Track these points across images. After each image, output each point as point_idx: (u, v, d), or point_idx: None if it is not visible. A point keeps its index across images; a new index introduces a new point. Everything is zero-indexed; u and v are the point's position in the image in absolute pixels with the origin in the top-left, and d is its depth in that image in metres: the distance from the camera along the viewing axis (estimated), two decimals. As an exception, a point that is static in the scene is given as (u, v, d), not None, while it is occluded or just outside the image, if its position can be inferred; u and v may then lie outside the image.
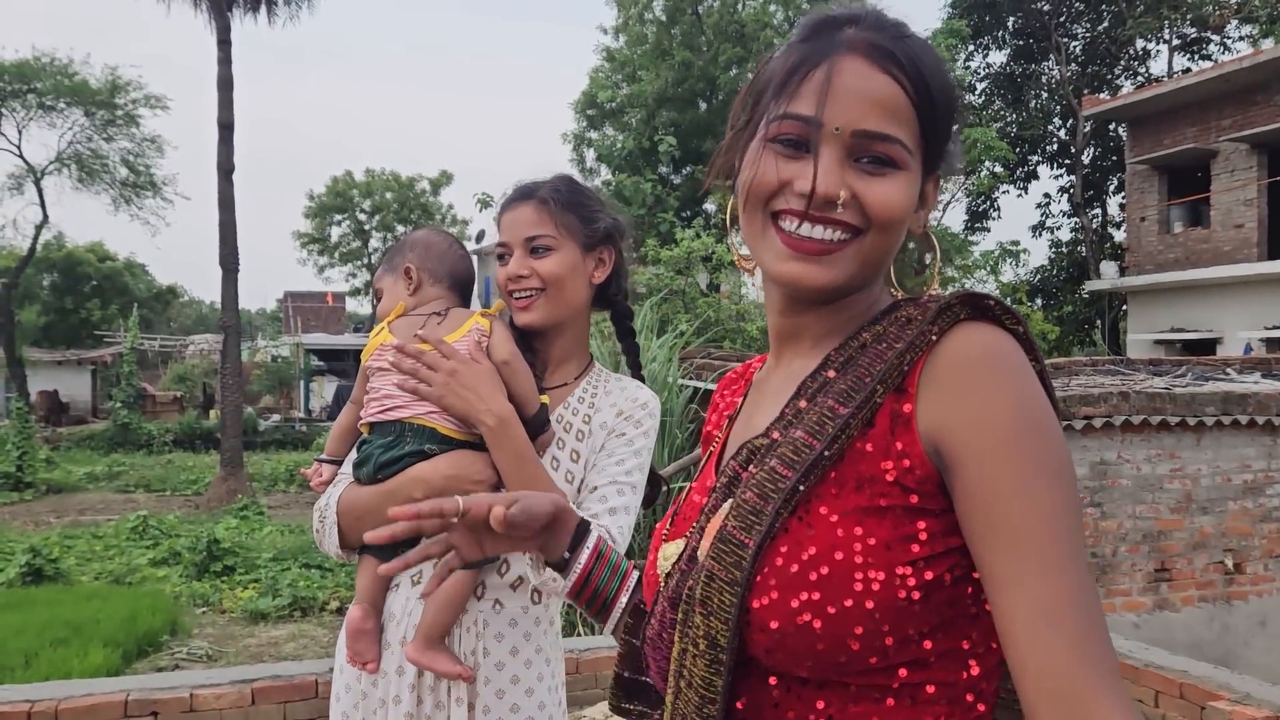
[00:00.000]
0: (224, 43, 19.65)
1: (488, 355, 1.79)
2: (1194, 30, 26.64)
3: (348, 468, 1.90)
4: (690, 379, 8.28)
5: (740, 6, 25.47)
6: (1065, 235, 29.69)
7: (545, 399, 1.78)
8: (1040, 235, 30.24)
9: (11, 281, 29.01)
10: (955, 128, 1.03)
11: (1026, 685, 0.82)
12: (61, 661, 7.01)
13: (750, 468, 0.98)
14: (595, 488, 1.82)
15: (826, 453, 0.91)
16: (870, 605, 0.86)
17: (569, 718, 4.24)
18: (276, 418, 31.99)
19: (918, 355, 0.92)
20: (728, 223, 1.10)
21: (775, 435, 0.98)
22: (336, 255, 46.29)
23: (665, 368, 7.94)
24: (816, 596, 0.87)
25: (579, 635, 6.07)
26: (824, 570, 0.88)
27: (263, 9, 21.07)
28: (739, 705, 0.95)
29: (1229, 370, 9.93)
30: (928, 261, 1.09)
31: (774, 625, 0.88)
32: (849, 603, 0.87)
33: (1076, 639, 0.82)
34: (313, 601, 9.37)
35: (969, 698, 0.93)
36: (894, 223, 0.96)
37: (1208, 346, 19.21)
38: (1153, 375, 8.91)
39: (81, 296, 38.03)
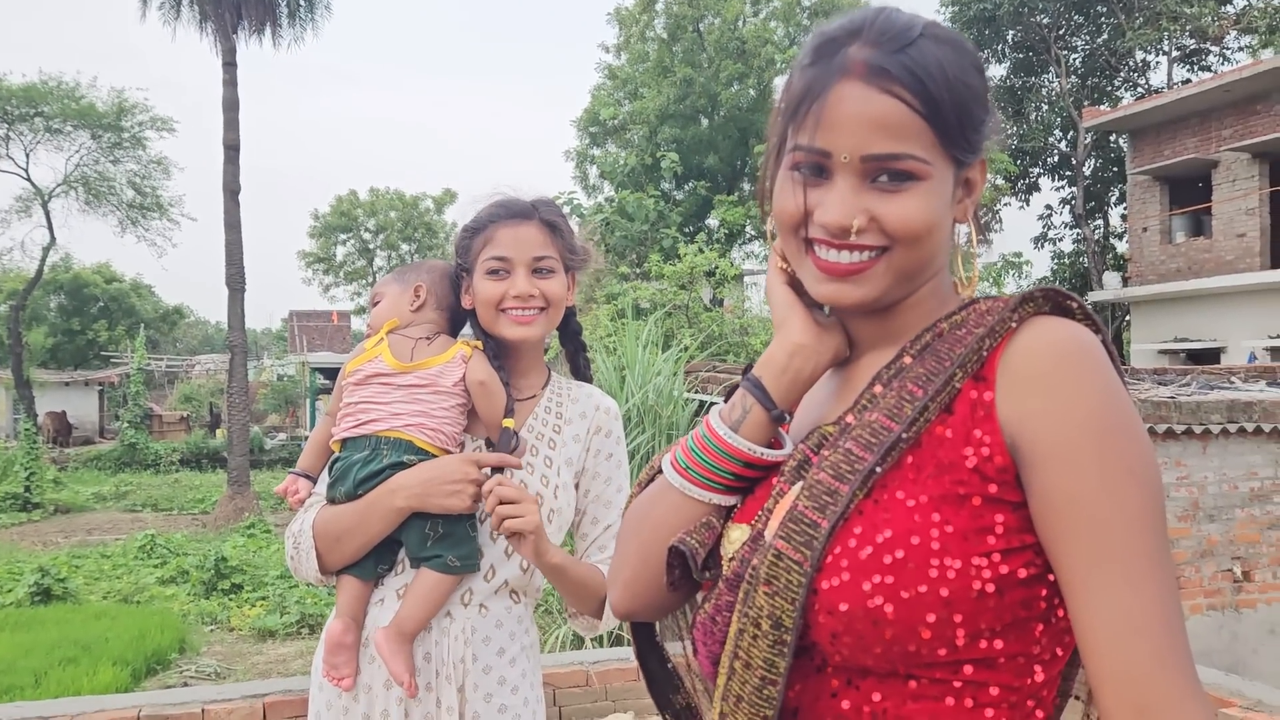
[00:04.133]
0: (229, 64, 19.81)
1: (464, 377, 1.83)
2: (1193, 41, 26.71)
3: (322, 488, 1.89)
4: (695, 393, 8.31)
5: (741, 23, 25.61)
6: (1067, 247, 29.72)
7: (509, 423, 1.79)
8: (1042, 247, 30.28)
9: (19, 303, 29.10)
10: (986, 109, 0.99)
11: (1106, 694, 0.82)
12: (71, 680, 7.02)
13: (823, 450, 0.96)
14: (609, 525, 1.90)
15: (904, 435, 0.90)
16: (945, 593, 0.85)
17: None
18: (283, 436, 32.03)
19: (996, 341, 0.91)
20: (767, 237, 1.12)
21: (850, 419, 0.97)
22: (341, 274, 46.52)
23: (670, 381, 7.96)
24: (890, 580, 0.85)
25: (589, 648, 6.08)
26: (899, 554, 0.86)
27: (268, 31, 21.22)
28: (790, 693, 0.94)
29: (1234, 379, 9.94)
30: (970, 248, 1.09)
31: (843, 608, 0.86)
32: (923, 589, 0.85)
33: (1160, 650, 0.81)
34: (320, 618, 9.37)
35: (1030, 703, 0.90)
36: (917, 235, 0.95)
37: (1212, 356, 19.19)
38: (1158, 384, 8.92)
39: (88, 318, 38.15)
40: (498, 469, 1.78)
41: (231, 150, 19.42)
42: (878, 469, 0.90)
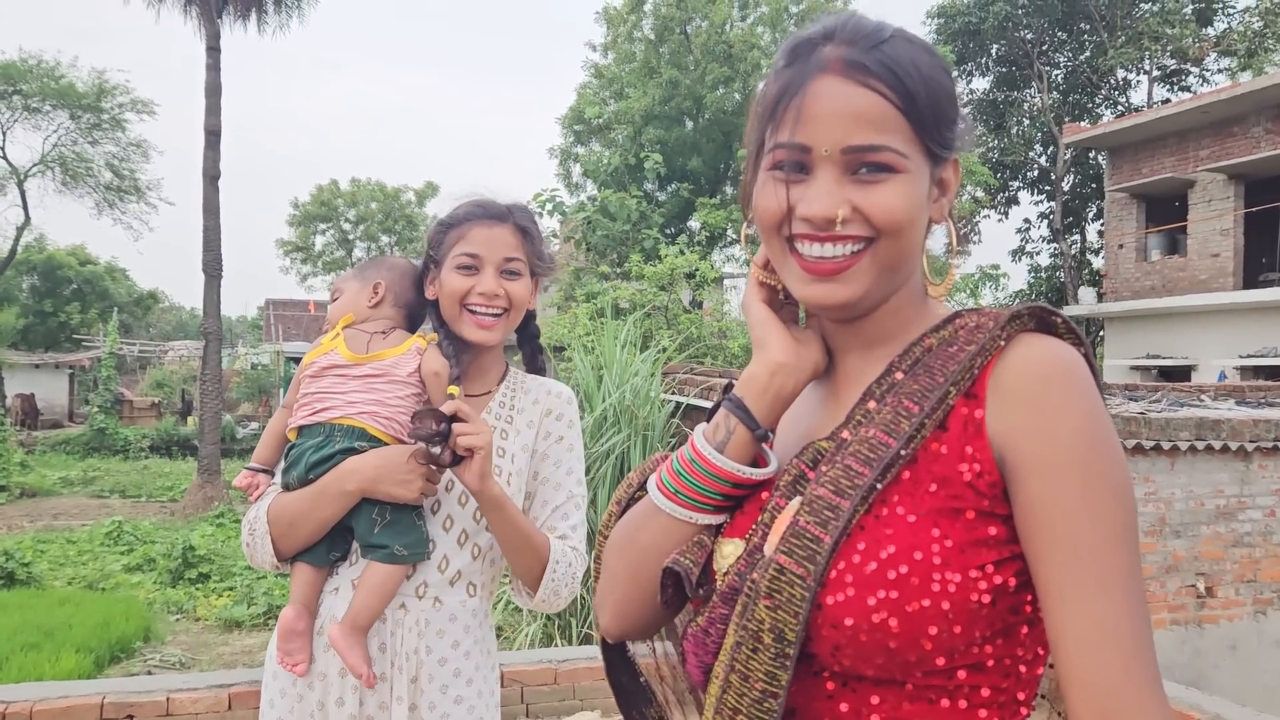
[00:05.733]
0: (213, 49, 19.63)
1: (419, 368, 1.87)
2: (1174, 62, 27.03)
3: (280, 477, 1.92)
4: (672, 394, 8.33)
5: (728, 27, 25.66)
6: (1044, 260, 30.00)
7: (455, 390, 1.81)
8: (1020, 260, 30.55)
9: (-10, 283, 28.82)
10: (956, 109, 1.02)
11: (1074, 698, 0.85)
12: (33, 666, 6.97)
13: (820, 466, 0.97)
14: (556, 506, 1.95)
15: (903, 451, 0.92)
16: (946, 606, 0.87)
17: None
18: (255, 425, 31.77)
19: (987, 359, 0.94)
20: (743, 242, 1.14)
21: (845, 435, 0.98)
22: (319, 264, 46.18)
23: (648, 382, 7.98)
24: (894, 596, 0.87)
25: (557, 645, 6.08)
26: (903, 569, 0.88)
27: (253, 17, 21.08)
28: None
29: (1203, 397, 10.06)
30: (949, 254, 1.11)
31: (848, 622, 0.88)
32: (926, 603, 0.87)
33: (1126, 657, 0.84)
34: (288, 610, 9.33)
35: (1020, 696, 0.94)
36: (900, 225, 0.97)
37: (1183, 373, 19.42)
38: (1128, 400, 9.01)
39: (61, 300, 37.75)
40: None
41: (212, 136, 19.26)
42: (878, 485, 0.91)
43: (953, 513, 0.90)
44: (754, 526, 1.01)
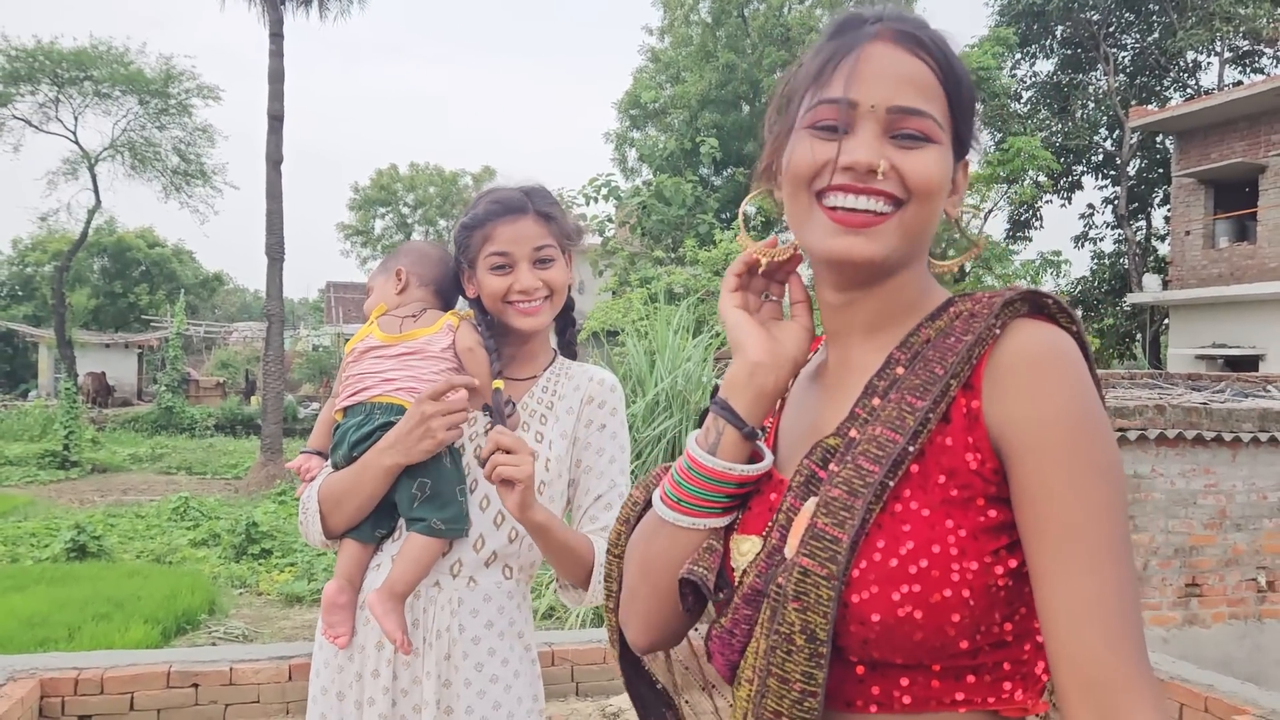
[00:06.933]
0: (276, 35, 19.97)
1: (453, 344, 1.91)
2: (1246, 43, 26.22)
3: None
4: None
5: (786, 10, 25.45)
6: (1108, 247, 29.34)
7: (499, 384, 1.83)
8: (1082, 246, 29.91)
9: (64, 264, 29.61)
10: (977, 114, 1.07)
11: (1061, 673, 0.88)
12: (103, 636, 7.20)
13: (831, 465, 0.99)
14: (600, 495, 1.95)
15: (910, 447, 0.94)
16: (967, 594, 0.91)
17: (596, 706, 4.33)
18: (315, 406, 32.37)
19: (984, 349, 0.97)
20: (740, 219, 1.18)
21: (854, 434, 1.00)
22: (379, 247, 46.80)
23: (700, 367, 8.01)
24: (918, 589, 0.90)
25: (550, 629, 6.16)
26: (923, 563, 0.91)
27: (314, 4, 21.40)
28: None
29: (1269, 387, 9.83)
30: (953, 252, 1.15)
31: (875, 618, 0.91)
32: (948, 593, 0.90)
33: (1113, 632, 0.87)
34: (347, 586, 9.52)
35: (1040, 665, 0.98)
36: (932, 192, 1.00)
37: (1250, 363, 18.94)
38: (1191, 390, 8.85)
39: (130, 281, 38.76)
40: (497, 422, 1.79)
41: (275, 121, 19.59)
42: (888, 482, 0.94)
43: (963, 502, 0.93)
44: (769, 525, 1.03)
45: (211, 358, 39.43)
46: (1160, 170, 27.27)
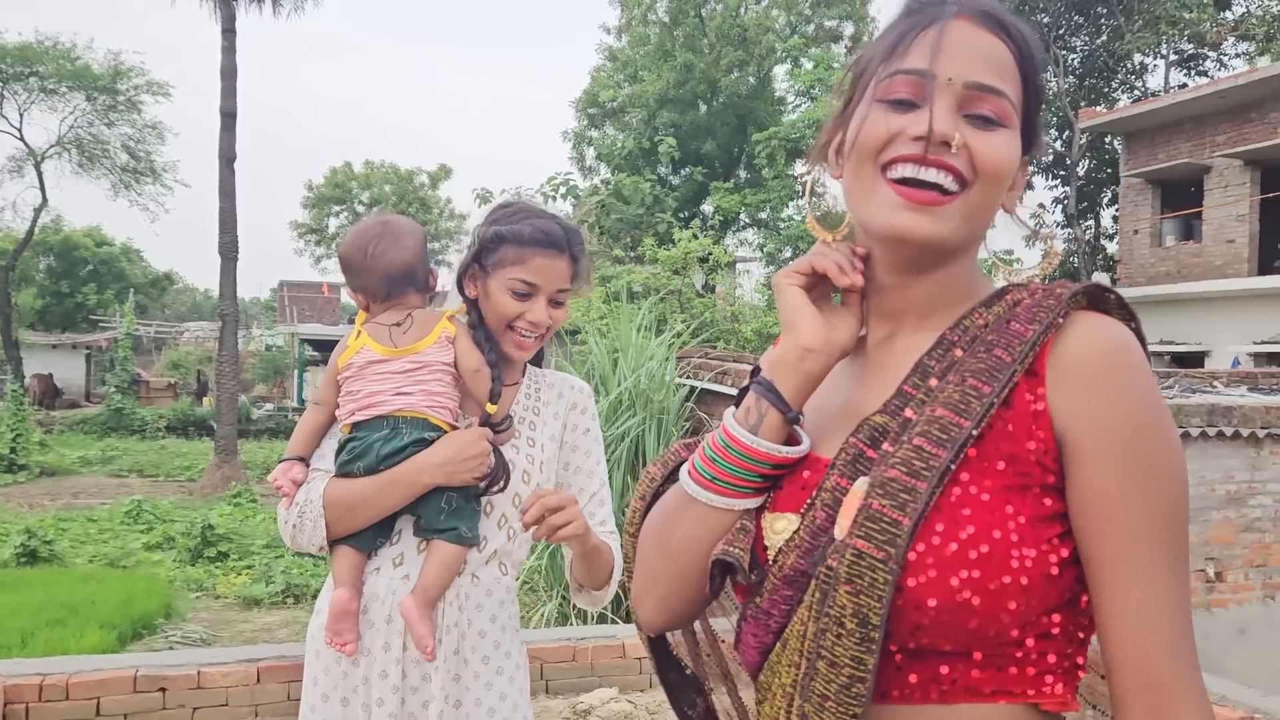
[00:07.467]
0: (228, 31, 19.72)
1: (455, 365, 1.95)
2: (1191, 46, 26.80)
3: (322, 464, 1.99)
4: (686, 378, 8.39)
5: (743, 10, 25.58)
6: (1058, 246, 29.80)
7: (493, 408, 1.94)
8: (1033, 245, 30.31)
9: (9, 264, 28.98)
10: (1042, 110, 1.05)
11: (1121, 678, 0.90)
12: (58, 641, 7.09)
13: (884, 445, 0.97)
14: (593, 493, 2.09)
15: (975, 432, 0.92)
16: (1025, 581, 0.89)
17: (567, 704, 4.36)
18: (270, 407, 32.03)
19: (1047, 338, 0.95)
20: (807, 194, 1.16)
21: (909, 414, 0.98)
22: (333, 246, 46.29)
23: (663, 366, 8.05)
24: (977, 574, 0.89)
25: (573, 624, 6.18)
26: (984, 549, 0.89)
27: (267, 1, 21.14)
28: None
29: (1216, 383, 10.09)
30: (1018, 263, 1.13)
31: (932, 603, 0.89)
32: (1007, 579, 0.89)
33: (1171, 639, 0.89)
34: (305, 588, 9.46)
35: (1080, 660, 0.98)
36: (1000, 175, 0.98)
37: (1196, 359, 19.37)
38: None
39: (78, 280, 37.98)
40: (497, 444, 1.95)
41: (228, 118, 19.35)
42: (951, 466, 0.91)
43: (1022, 489, 0.92)
44: (808, 503, 1.00)
45: (162, 358, 38.79)
46: (1109, 170, 27.81)
